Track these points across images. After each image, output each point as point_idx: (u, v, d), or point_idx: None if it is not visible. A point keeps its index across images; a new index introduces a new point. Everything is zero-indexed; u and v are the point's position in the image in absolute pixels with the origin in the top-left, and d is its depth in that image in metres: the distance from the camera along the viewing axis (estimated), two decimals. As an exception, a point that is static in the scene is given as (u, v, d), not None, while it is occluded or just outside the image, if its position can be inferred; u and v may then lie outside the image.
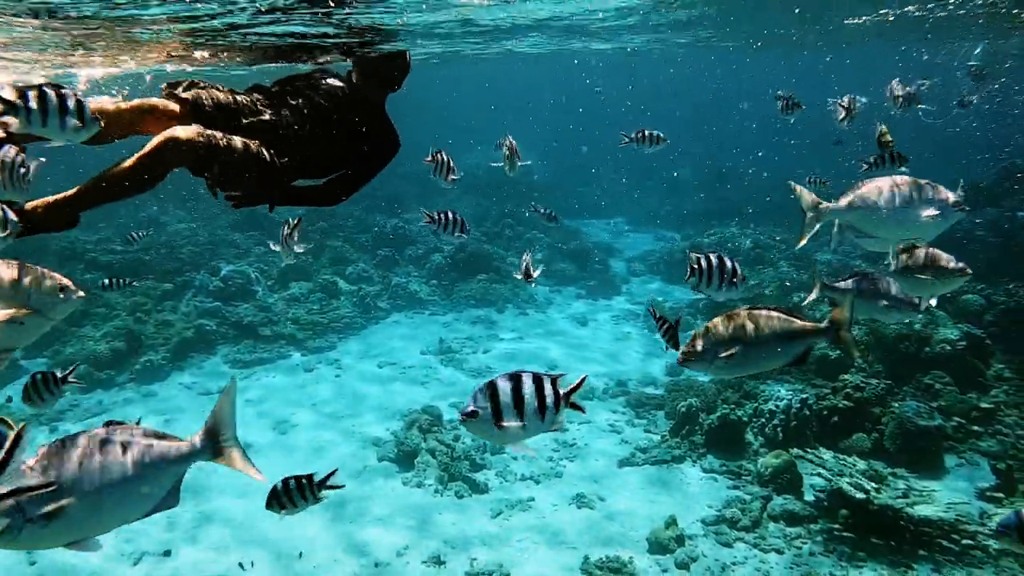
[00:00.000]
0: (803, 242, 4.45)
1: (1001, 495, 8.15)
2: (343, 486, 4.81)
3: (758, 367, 3.68)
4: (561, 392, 2.76)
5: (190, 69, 11.26)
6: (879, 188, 4.23)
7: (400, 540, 7.90)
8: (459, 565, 7.51)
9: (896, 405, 9.31)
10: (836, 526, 7.79)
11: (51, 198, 3.54)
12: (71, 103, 2.89)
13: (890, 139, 6.69)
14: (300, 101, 4.44)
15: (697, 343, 3.53)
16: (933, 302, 4.85)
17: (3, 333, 2.68)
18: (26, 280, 2.82)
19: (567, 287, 17.56)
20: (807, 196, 4.38)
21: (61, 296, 2.92)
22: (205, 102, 4.11)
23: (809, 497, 8.42)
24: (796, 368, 3.95)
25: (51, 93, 2.82)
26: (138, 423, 3.35)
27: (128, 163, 3.61)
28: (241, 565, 7.48)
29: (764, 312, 3.62)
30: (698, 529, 8.00)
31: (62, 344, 13.04)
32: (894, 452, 8.97)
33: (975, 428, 9.44)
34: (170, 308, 14.24)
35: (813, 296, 5.29)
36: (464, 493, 8.81)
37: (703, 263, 4.17)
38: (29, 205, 3.48)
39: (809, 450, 8.70)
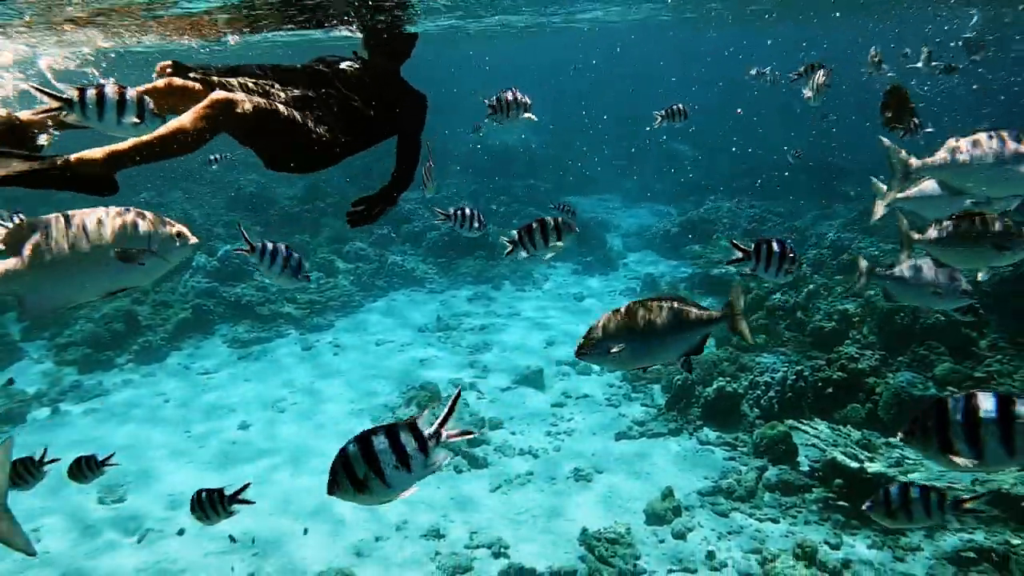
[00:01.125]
0: (891, 197, 4.37)
1: (994, 463, 8.23)
2: (254, 502, 5.08)
3: (656, 358, 3.70)
4: (429, 431, 2.68)
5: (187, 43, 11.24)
6: (978, 141, 4.08)
7: (398, 515, 7.98)
8: (458, 538, 7.60)
9: (890, 376, 9.38)
10: (830, 495, 7.90)
11: (88, 152, 3.25)
12: (131, 99, 2.99)
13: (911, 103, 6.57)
14: (327, 88, 4.54)
15: (594, 335, 3.55)
16: (982, 276, 4.66)
17: (124, 272, 2.91)
18: (148, 227, 2.98)
19: (564, 263, 17.59)
20: (897, 152, 4.32)
21: (178, 242, 3.10)
22: (234, 84, 4.11)
23: (804, 467, 8.51)
24: (694, 356, 3.91)
25: (110, 89, 2.91)
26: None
27: (178, 123, 3.41)
28: (231, 538, 7.58)
29: (660, 303, 3.64)
30: (695, 500, 8.09)
31: (60, 326, 13.08)
32: (888, 422, 9.03)
33: (969, 397, 9.51)
34: (168, 289, 14.27)
35: (863, 282, 5.12)
36: (463, 467, 8.90)
37: (763, 248, 4.24)
38: (72, 157, 3.44)
39: (804, 421, 8.78)
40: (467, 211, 6.06)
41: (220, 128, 3.62)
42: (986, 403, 2.74)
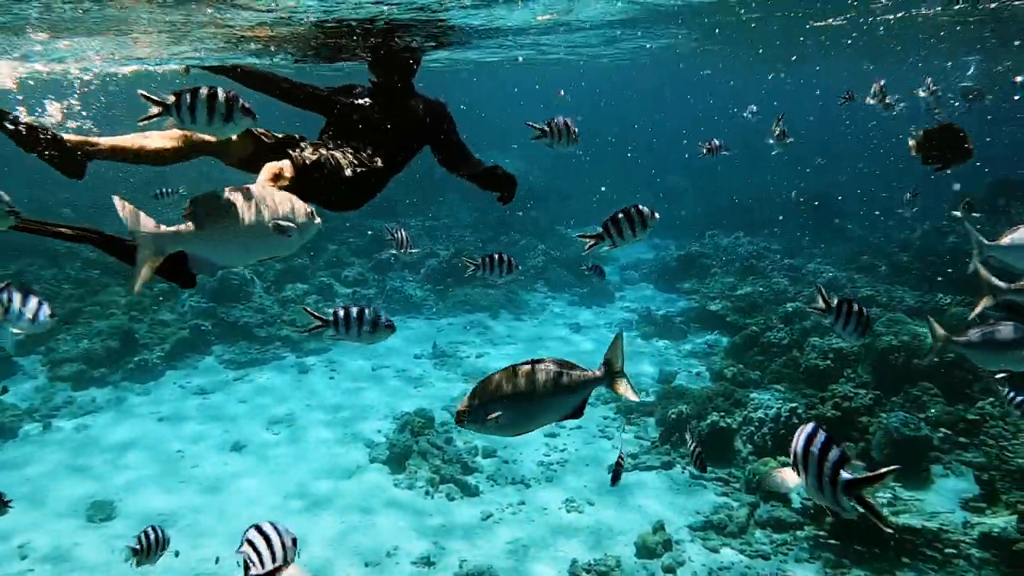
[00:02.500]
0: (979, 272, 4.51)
1: (984, 505, 8.24)
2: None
3: (538, 422, 3.63)
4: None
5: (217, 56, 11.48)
6: None
7: (390, 541, 7.96)
8: (448, 566, 7.58)
9: (884, 415, 9.41)
10: (822, 533, 7.89)
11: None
12: (222, 101, 3.18)
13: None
14: (353, 118, 4.79)
15: (474, 401, 3.44)
16: None
17: (276, 242, 3.29)
18: (293, 205, 3.33)
19: (561, 293, 17.66)
20: (976, 236, 4.48)
21: (313, 220, 3.41)
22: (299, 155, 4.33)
23: (796, 505, 8.50)
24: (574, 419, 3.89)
25: (203, 93, 3.12)
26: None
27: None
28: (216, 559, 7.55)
29: (540, 365, 3.55)
30: (685, 535, 8.08)
31: (56, 342, 13.09)
32: (881, 462, 9.05)
33: (961, 439, 9.55)
34: (167, 308, 14.29)
35: (939, 347, 4.99)
36: (455, 495, 8.88)
37: (843, 308, 4.60)
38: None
39: (797, 458, 8.79)
40: (497, 257, 5.82)
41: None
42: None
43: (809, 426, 2.80)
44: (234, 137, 4.13)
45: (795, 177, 24.41)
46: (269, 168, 3.99)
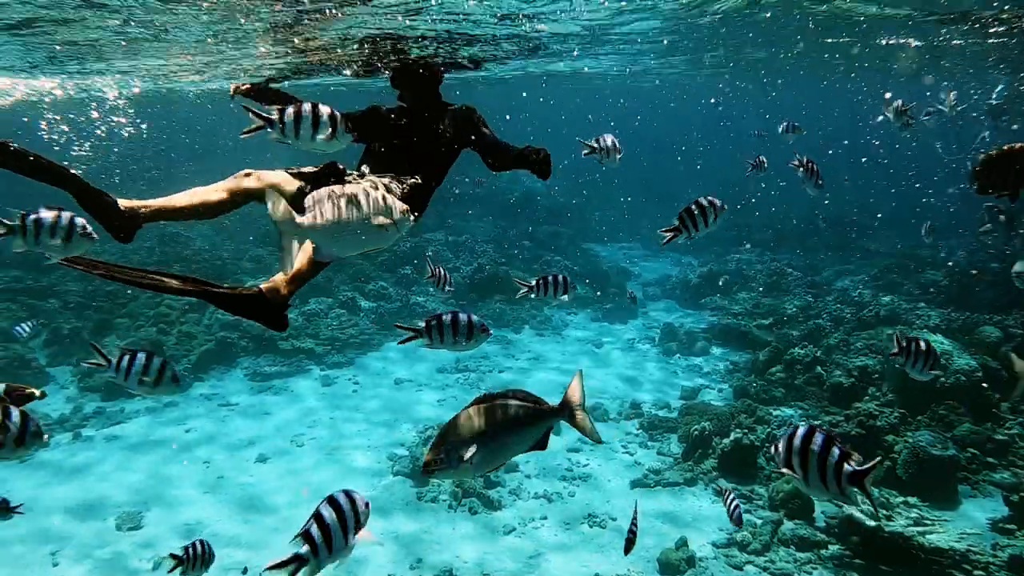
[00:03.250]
0: None
1: (1014, 527, 8.15)
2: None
3: (504, 458, 3.62)
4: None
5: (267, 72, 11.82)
6: None
7: (413, 554, 8.00)
8: (471, 579, 7.61)
9: (910, 434, 9.34)
10: (847, 552, 7.84)
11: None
12: (324, 117, 3.36)
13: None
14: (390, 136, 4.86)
15: (441, 452, 3.37)
16: None
17: (378, 235, 3.57)
18: (392, 202, 3.60)
19: (583, 310, 17.68)
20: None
21: (407, 217, 3.67)
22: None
23: (820, 523, 8.46)
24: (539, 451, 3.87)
25: (308, 109, 3.30)
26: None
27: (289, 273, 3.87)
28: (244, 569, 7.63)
29: (503, 401, 3.54)
30: (708, 552, 8.06)
31: (85, 352, 13.28)
32: (907, 481, 8.98)
33: (989, 460, 9.46)
34: (193, 320, 14.48)
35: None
36: (477, 509, 8.92)
37: (912, 347, 4.93)
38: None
39: (821, 476, 8.74)
40: (551, 278, 5.56)
41: None
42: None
43: (803, 428, 3.03)
44: (280, 183, 4.23)
45: (820, 194, 24.31)
46: None
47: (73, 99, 18.05)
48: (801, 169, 7.43)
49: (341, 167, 4.61)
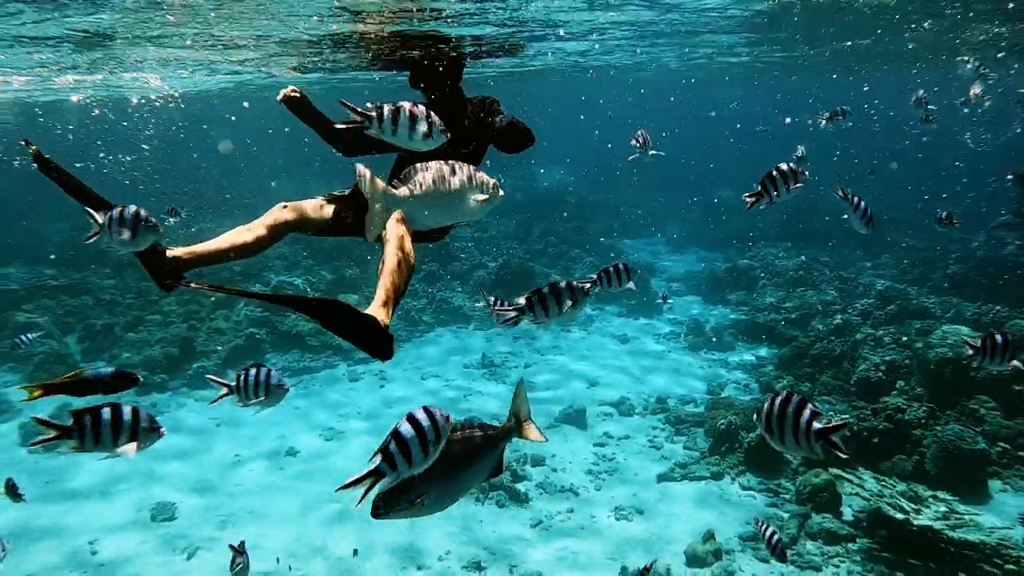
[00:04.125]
0: None
1: (1046, 521, 8.09)
2: None
3: (460, 492, 3.47)
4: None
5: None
6: None
7: (441, 545, 8.10)
8: (499, 572, 7.68)
9: (939, 428, 9.28)
10: (874, 546, 7.82)
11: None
12: (421, 119, 3.46)
13: None
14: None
15: (390, 493, 3.18)
16: None
17: (471, 208, 3.73)
18: (482, 178, 3.74)
19: (609, 305, 17.69)
20: None
21: (497, 192, 3.80)
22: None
23: (848, 516, 8.44)
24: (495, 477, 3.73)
25: (406, 107, 3.42)
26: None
27: (391, 256, 3.89)
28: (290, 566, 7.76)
29: (452, 437, 3.35)
30: (735, 544, 8.07)
31: (119, 348, 13.57)
32: (936, 475, 8.93)
33: (1021, 454, 9.37)
34: (222, 317, 14.69)
35: None
36: (505, 502, 8.99)
37: (988, 343, 4.91)
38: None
39: (848, 470, 8.73)
40: (615, 268, 5.06)
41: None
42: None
43: (783, 394, 3.22)
44: (314, 212, 4.33)
45: (854, 189, 24.07)
46: (394, 232, 4.05)
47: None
48: (848, 203, 7.04)
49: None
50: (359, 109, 3.37)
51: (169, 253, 3.85)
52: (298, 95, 4.56)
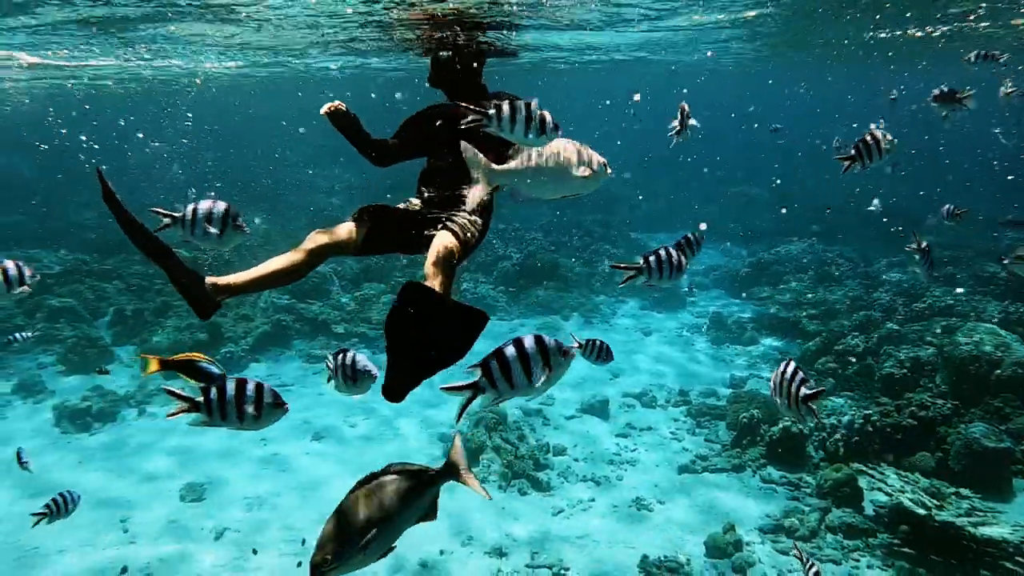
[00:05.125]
0: None
1: (1069, 520, 8.05)
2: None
3: (395, 538, 3.48)
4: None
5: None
6: None
7: (464, 532, 8.22)
8: (520, 558, 7.79)
9: (963, 426, 9.25)
10: (896, 541, 7.84)
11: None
12: (536, 115, 3.64)
13: None
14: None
15: (328, 551, 3.12)
16: None
17: (579, 184, 3.91)
18: (585, 153, 3.93)
19: (632, 298, 17.72)
20: None
21: (605, 169, 3.98)
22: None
23: (869, 511, 8.46)
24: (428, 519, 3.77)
25: (521, 104, 3.61)
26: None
27: (431, 272, 4.04)
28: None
29: (383, 482, 3.41)
30: (755, 536, 8.12)
31: (149, 333, 13.81)
32: (959, 472, 8.91)
33: (1046, 453, 9.33)
34: (249, 304, 14.90)
35: None
36: (527, 490, 9.10)
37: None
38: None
39: (870, 466, 8.74)
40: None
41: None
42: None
43: (785, 363, 3.65)
44: (347, 235, 4.43)
45: (875, 185, 23.92)
46: (440, 244, 4.14)
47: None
48: (917, 253, 6.79)
49: (400, 207, 4.68)
50: (477, 108, 3.61)
51: (209, 281, 3.89)
52: (343, 109, 4.62)
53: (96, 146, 28.31)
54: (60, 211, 23.01)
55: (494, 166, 3.87)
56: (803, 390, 3.58)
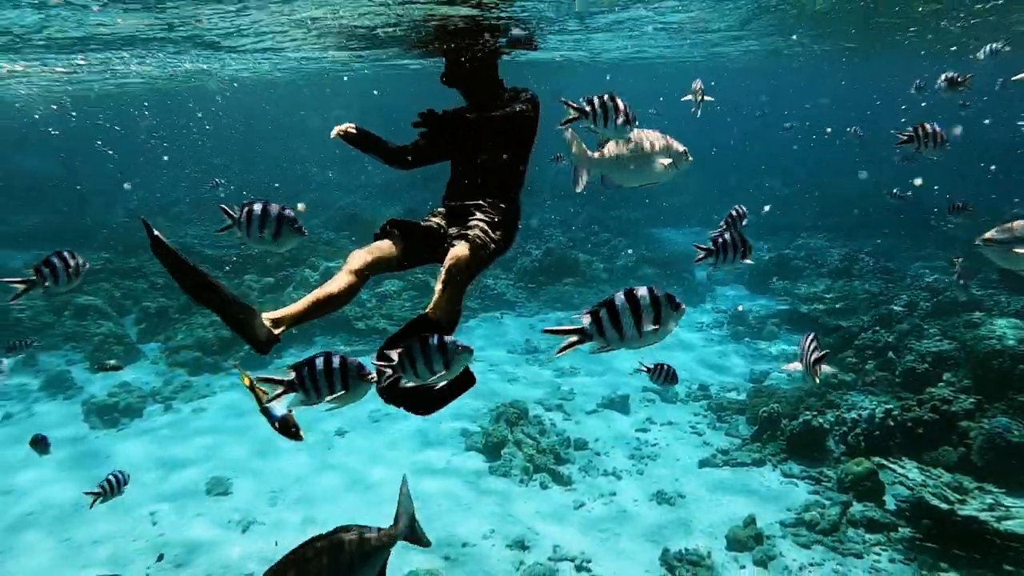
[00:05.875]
0: None
1: (1094, 515, 8.01)
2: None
3: None
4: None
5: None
6: None
7: (486, 525, 8.31)
8: (542, 551, 7.86)
9: (986, 421, 9.22)
10: (918, 535, 7.84)
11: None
12: (622, 108, 3.98)
13: None
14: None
15: None
16: None
17: (663, 171, 4.28)
18: (666, 142, 4.28)
19: (651, 294, 17.72)
20: None
21: (686, 157, 4.36)
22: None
23: (890, 505, 8.45)
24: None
25: (607, 98, 3.90)
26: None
27: (437, 293, 4.22)
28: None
29: (331, 544, 3.27)
30: (776, 530, 8.15)
31: (173, 331, 14.01)
32: (982, 467, 8.87)
33: (1070, 448, 9.26)
34: (272, 300, 15.06)
35: None
36: (548, 484, 9.17)
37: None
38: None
39: (892, 460, 8.73)
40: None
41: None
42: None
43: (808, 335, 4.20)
44: (387, 252, 4.47)
45: (898, 178, 23.77)
46: (449, 262, 4.18)
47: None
48: (960, 277, 6.79)
49: (424, 223, 4.71)
50: (575, 104, 3.92)
51: (265, 317, 3.85)
52: (354, 131, 4.68)
53: (110, 152, 28.65)
54: (86, 211, 23.36)
55: (589, 153, 4.29)
56: (814, 355, 4.27)
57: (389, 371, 3.25)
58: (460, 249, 4.22)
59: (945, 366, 10.80)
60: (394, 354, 3.25)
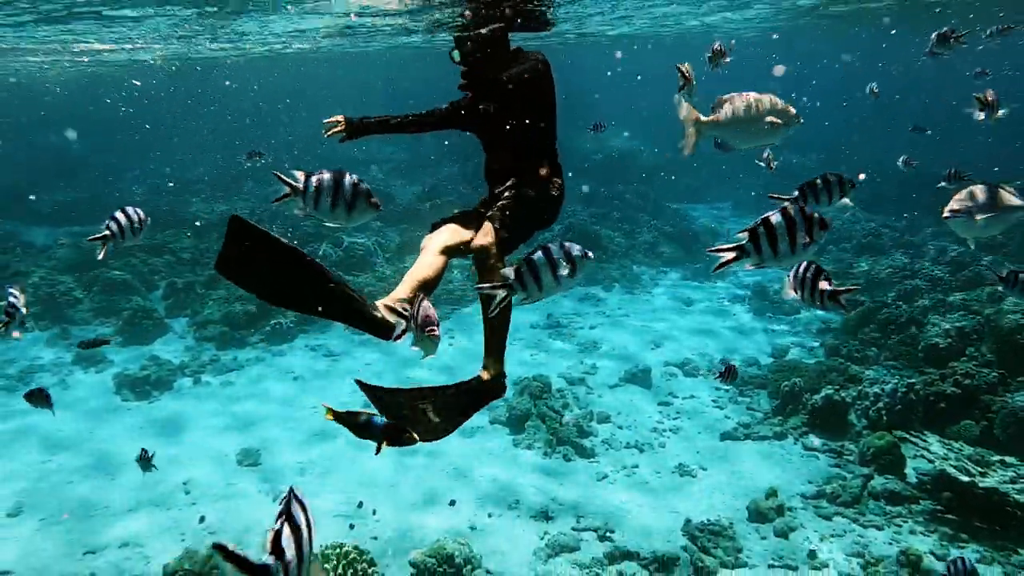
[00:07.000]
0: None
1: (1116, 488, 8.03)
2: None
3: None
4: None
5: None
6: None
7: (511, 495, 8.46)
8: (566, 521, 8.01)
9: (1009, 395, 9.23)
10: (939, 508, 7.91)
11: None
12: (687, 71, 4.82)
13: None
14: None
15: None
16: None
17: (771, 132, 4.56)
18: (779, 105, 4.57)
19: (673, 270, 17.77)
20: None
21: (797, 118, 4.60)
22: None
23: (912, 479, 8.52)
24: None
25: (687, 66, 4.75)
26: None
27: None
28: (361, 504, 8.21)
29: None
30: (798, 502, 8.24)
31: (201, 305, 14.23)
32: (1004, 441, 8.90)
33: (1093, 422, 9.26)
34: (296, 276, 15.23)
35: None
36: (571, 456, 9.31)
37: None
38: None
39: (913, 433, 8.78)
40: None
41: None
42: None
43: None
44: (465, 229, 4.60)
45: (925, 153, 23.50)
46: (475, 246, 4.36)
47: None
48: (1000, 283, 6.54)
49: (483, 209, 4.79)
50: (685, 72, 4.77)
51: (380, 303, 3.88)
52: (342, 125, 4.68)
53: (147, 126, 28.85)
54: (112, 187, 23.62)
55: (702, 118, 4.54)
56: (826, 286, 3.69)
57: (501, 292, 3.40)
58: (483, 233, 4.38)
59: (968, 341, 10.79)
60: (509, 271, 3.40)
